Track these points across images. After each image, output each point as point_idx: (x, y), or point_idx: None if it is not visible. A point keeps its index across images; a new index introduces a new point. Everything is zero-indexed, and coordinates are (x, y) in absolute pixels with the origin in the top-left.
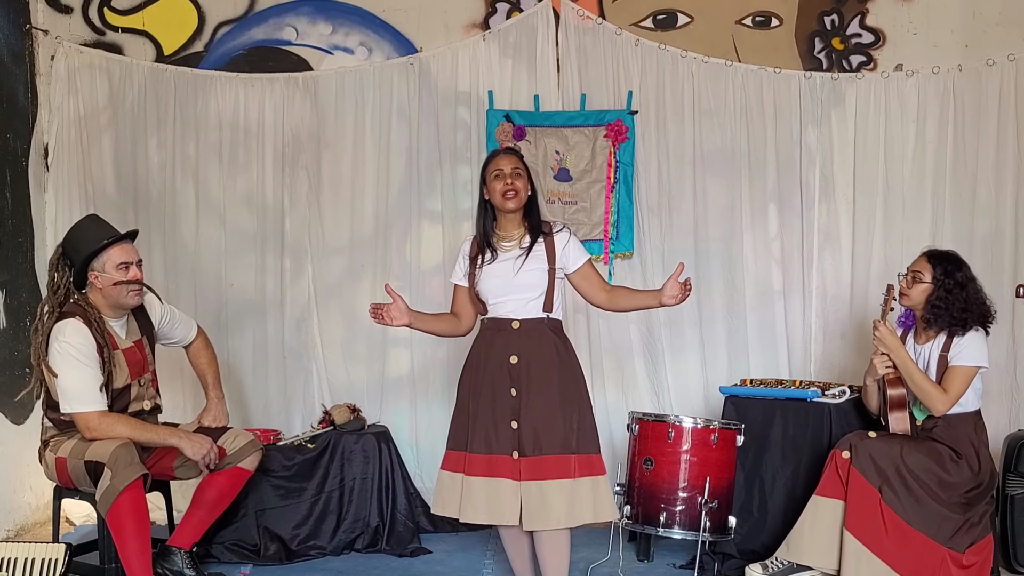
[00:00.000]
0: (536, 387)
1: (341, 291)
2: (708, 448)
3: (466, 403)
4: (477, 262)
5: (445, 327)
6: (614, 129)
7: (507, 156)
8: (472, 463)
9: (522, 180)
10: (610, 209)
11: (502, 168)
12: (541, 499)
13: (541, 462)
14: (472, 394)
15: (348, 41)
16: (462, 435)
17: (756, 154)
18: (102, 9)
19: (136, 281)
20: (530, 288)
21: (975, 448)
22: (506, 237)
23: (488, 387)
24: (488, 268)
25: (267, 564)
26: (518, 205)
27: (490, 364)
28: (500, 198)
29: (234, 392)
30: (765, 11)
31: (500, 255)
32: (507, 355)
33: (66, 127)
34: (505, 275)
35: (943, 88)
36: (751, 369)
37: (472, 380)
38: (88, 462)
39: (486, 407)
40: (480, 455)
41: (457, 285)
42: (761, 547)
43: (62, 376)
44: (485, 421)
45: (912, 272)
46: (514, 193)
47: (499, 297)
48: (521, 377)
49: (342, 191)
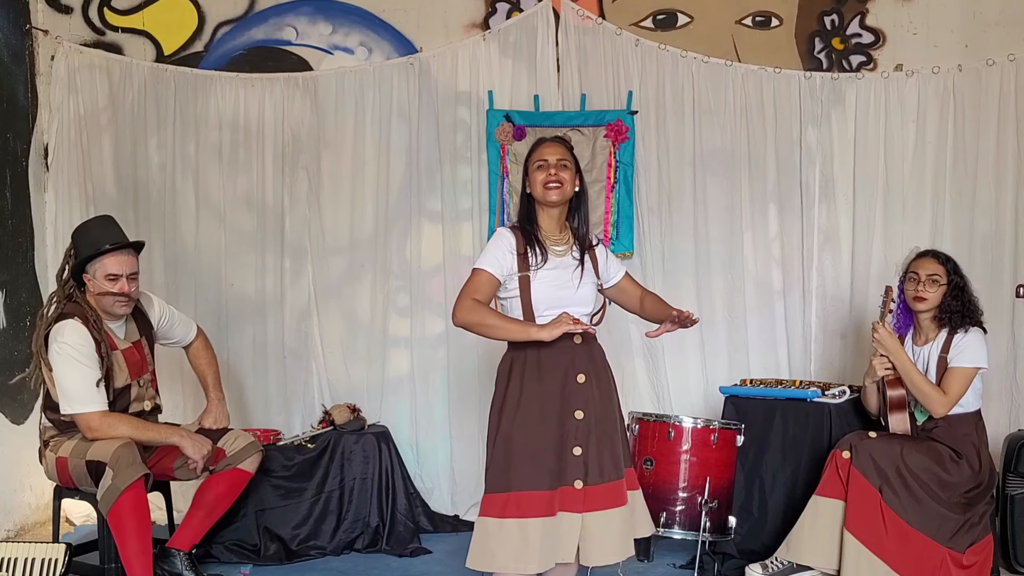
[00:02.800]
0: (602, 408)
1: (341, 291)
2: (708, 448)
3: (516, 433)
4: (527, 261)
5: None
6: (614, 129)
7: (553, 145)
8: (531, 503)
9: (568, 172)
10: (610, 209)
11: (546, 158)
12: (607, 530)
13: (607, 490)
14: (524, 424)
15: (348, 41)
16: (516, 473)
17: (756, 154)
18: (102, 9)
19: (123, 294)
20: (587, 303)
21: (975, 448)
22: (554, 239)
23: (547, 411)
24: (543, 272)
25: (267, 564)
26: (561, 198)
27: (547, 384)
28: (541, 188)
29: (234, 392)
30: (765, 11)
31: (551, 259)
32: (573, 374)
33: (66, 127)
34: (564, 286)
35: (943, 88)
36: (751, 369)
37: (520, 408)
38: (89, 462)
39: (545, 435)
40: (541, 492)
41: (490, 275)
42: (761, 547)
43: (62, 377)
44: (546, 450)
45: (929, 276)
46: (558, 184)
47: (555, 309)
48: (589, 398)
49: (342, 191)
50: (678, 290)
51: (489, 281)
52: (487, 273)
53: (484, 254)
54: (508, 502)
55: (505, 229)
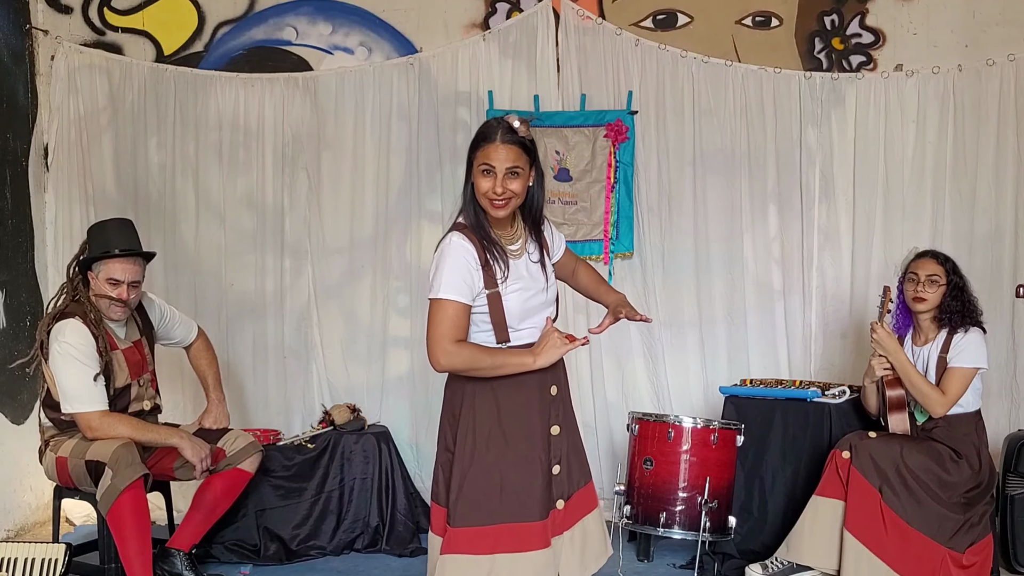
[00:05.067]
0: (570, 416)
1: (341, 291)
2: (708, 448)
3: (492, 462)
4: (493, 274)
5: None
6: (614, 129)
7: (504, 147)
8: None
9: (519, 180)
10: (610, 209)
11: (493, 164)
12: (586, 539)
13: (578, 497)
14: (503, 451)
15: (348, 41)
16: (496, 505)
17: (756, 154)
18: (102, 9)
19: (120, 300)
20: (551, 301)
21: (975, 448)
22: (507, 237)
23: (527, 432)
24: (511, 285)
25: (267, 564)
26: (509, 213)
27: (523, 406)
28: (486, 201)
29: (234, 392)
30: (765, 11)
31: (512, 264)
32: (546, 387)
33: (66, 127)
34: (533, 291)
35: (943, 88)
36: (751, 369)
37: (495, 433)
38: (89, 462)
39: (532, 459)
40: (535, 523)
41: (460, 305)
42: (761, 547)
43: (63, 376)
44: (533, 477)
45: (928, 276)
46: (504, 202)
47: (528, 319)
48: (561, 410)
49: (342, 191)
50: (678, 290)
51: (461, 313)
52: (457, 304)
53: (445, 278)
54: (484, 536)
55: (460, 239)
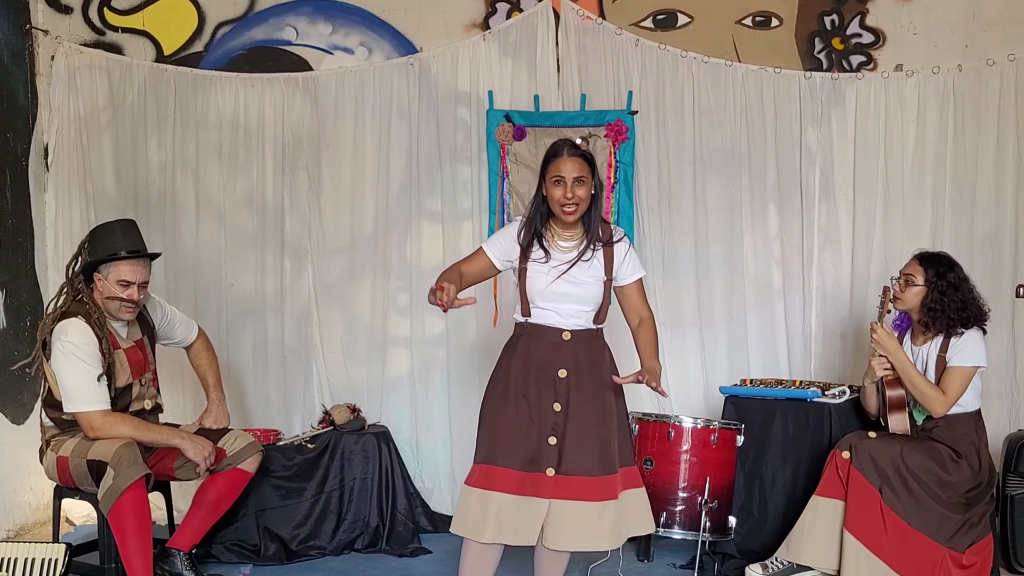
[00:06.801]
0: (583, 404)
1: (341, 291)
2: (708, 448)
3: (497, 414)
4: (528, 254)
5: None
6: (614, 129)
7: (572, 160)
8: (502, 478)
9: (585, 188)
10: (610, 209)
11: (563, 175)
12: (575, 517)
13: (581, 482)
14: (505, 405)
15: (348, 41)
16: (495, 448)
17: (756, 154)
18: (102, 9)
19: (131, 301)
20: (585, 301)
21: (975, 448)
22: (564, 236)
23: (527, 399)
24: (539, 266)
25: (267, 564)
26: (577, 216)
27: (530, 375)
28: (558, 207)
29: (234, 392)
30: (765, 11)
31: (554, 255)
32: (555, 368)
33: (66, 127)
34: (563, 282)
35: (943, 88)
36: (751, 369)
37: (506, 390)
38: (91, 461)
39: (524, 421)
40: (512, 470)
41: (488, 256)
42: (761, 547)
43: (65, 375)
44: (521, 436)
45: (904, 275)
46: (575, 206)
47: (549, 303)
48: (569, 392)
49: (342, 191)
50: (678, 290)
51: (481, 258)
52: (483, 252)
53: (493, 236)
54: (479, 473)
55: (518, 219)
